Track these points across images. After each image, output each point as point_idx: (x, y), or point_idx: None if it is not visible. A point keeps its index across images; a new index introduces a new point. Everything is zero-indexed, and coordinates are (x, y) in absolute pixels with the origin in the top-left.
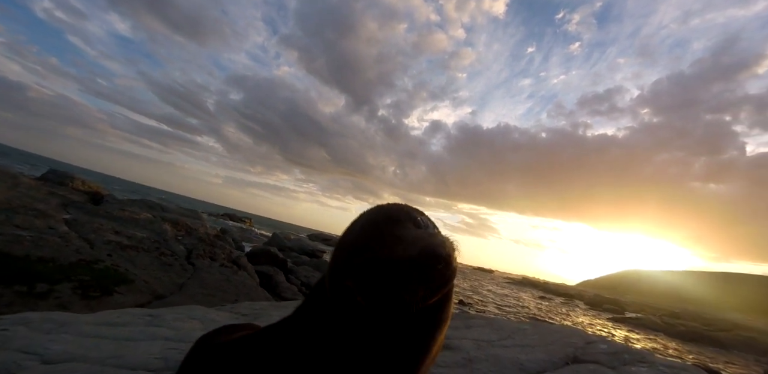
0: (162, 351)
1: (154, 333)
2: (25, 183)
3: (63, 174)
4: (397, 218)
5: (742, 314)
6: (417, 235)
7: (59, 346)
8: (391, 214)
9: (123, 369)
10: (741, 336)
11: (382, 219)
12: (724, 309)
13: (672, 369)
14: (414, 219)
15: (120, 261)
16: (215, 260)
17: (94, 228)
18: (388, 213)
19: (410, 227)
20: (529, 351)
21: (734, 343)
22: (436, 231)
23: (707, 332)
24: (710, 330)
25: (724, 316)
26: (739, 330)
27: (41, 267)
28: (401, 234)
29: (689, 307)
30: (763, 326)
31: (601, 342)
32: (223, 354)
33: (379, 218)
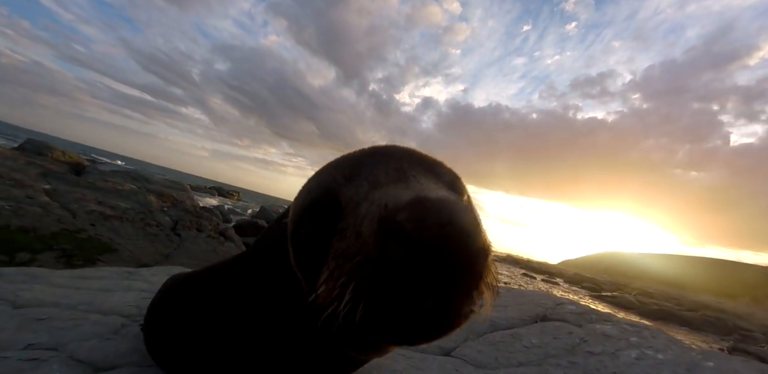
0: (137, 300)
1: (129, 285)
2: (1, 153)
3: (42, 144)
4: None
5: (714, 296)
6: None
7: (30, 294)
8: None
9: (95, 313)
10: (709, 316)
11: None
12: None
13: (635, 327)
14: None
15: (103, 231)
16: (202, 231)
17: (76, 199)
18: (395, 152)
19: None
20: (501, 310)
21: (701, 323)
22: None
23: (677, 311)
24: (681, 309)
25: (696, 298)
26: (708, 311)
27: (22, 236)
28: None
29: (664, 288)
30: (731, 308)
31: (569, 303)
32: (185, 282)
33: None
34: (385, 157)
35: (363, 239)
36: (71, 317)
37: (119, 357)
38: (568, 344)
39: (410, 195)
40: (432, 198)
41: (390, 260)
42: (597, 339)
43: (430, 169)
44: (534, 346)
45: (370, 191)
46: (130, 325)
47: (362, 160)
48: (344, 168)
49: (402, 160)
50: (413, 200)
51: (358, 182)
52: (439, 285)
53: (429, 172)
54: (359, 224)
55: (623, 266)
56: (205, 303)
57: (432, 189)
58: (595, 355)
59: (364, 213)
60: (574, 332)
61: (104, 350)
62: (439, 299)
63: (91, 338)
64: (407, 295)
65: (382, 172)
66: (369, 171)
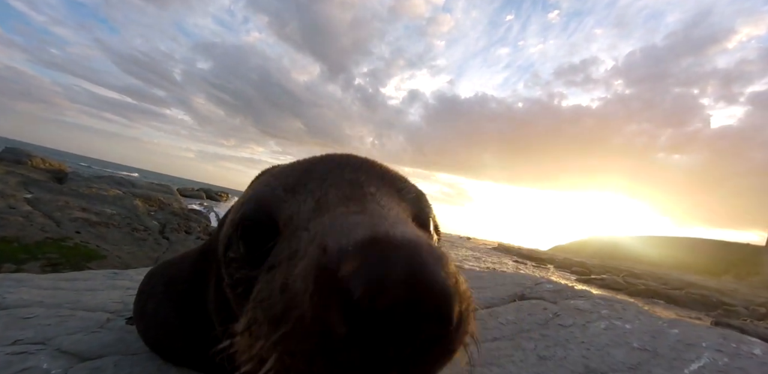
0: (121, 296)
1: (114, 284)
2: None
3: (20, 152)
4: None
5: (699, 275)
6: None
7: (16, 296)
8: (360, 165)
9: (80, 311)
10: (694, 293)
11: (337, 165)
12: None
13: (607, 301)
14: (396, 184)
15: (90, 237)
16: (191, 233)
17: (59, 206)
18: (352, 162)
19: (394, 199)
20: (481, 291)
21: (687, 300)
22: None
23: (664, 290)
24: (667, 288)
25: (681, 277)
26: (693, 289)
27: (5, 247)
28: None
29: (651, 269)
30: (715, 285)
31: (547, 282)
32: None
33: (333, 162)
34: (339, 166)
35: (291, 297)
36: (57, 314)
37: (104, 347)
38: (542, 319)
39: (362, 232)
40: (394, 239)
41: (329, 339)
42: (569, 313)
43: (392, 184)
44: (509, 322)
45: (314, 214)
46: (116, 320)
47: (311, 167)
48: (288, 176)
49: (359, 171)
50: (365, 242)
51: (302, 197)
52: (402, 363)
53: (390, 187)
54: (290, 268)
55: (611, 249)
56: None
57: (394, 221)
58: (566, 327)
59: (299, 250)
60: (548, 308)
61: (89, 342)
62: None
63: (76, 332)
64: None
65: (333, 185)
66: (317, 183)
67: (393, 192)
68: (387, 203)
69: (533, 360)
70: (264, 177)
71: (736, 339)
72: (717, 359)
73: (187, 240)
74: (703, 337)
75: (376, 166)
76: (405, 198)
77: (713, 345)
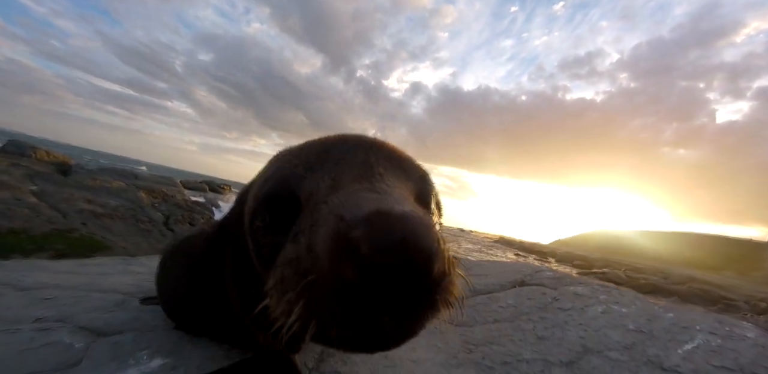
0: (135, 280)
1: (126, 269)
2: None
3: (24, 145)
4: (382, 160)
5: (701, 270)
6: (385, 192)
7: (32, 279)
8: (371, 147)
9: (95, 292)
10: (695, 288)
11: (350, 147)
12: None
13: (605, 287)
14: (405, 167)
15: (95, 229)
16: (194, 225)
17: (65, 198)
18: (364, 144)
19: (401, 180)
20: (482, 278)
21: (688, 294)
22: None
23: (665, 285)
24: (668, 283)
25: (683, 272)
26: (695, 284)
27: (12, 238)
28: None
29: (653, 264)
30: (716, 280)
31: (547, 270)
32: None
33: (347, 144)
34: (353, 148)
35: (315, 255)
36: (73, 296)
37: (122, 324)
38: (541, 303)
39: (370, 206)
40: (394, 213)
41: (344, 284)
42: (568, 297)
43: (399, 164)
44: (509, 306)
45: (331, 190)
46: (130, 301)
47: (328, 148)
48: (307, 156)
49: (370, 153)
50: (372, 214)
51: (320, 175)
52: (396, 307)
53: (397, 168)
54: (313, 234)
55: (614, 243)
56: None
57: (396, 199)
58: (564, 311)
59: (320, 219)
60: (547, 293)
61: (107, 320)
62: (394, 318)
63: (94, 311)
64: (362, 317)
65: (347, 165)
66: (333, 163)
67: (399, 172)
68: (393, 182)
69: (532, 340)
70: (285, 156)
71: (731, 323)
72: (710, 340)
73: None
74: (697, 321)
75: (386, 147)
76: (410, 178)
77: (707, 328)
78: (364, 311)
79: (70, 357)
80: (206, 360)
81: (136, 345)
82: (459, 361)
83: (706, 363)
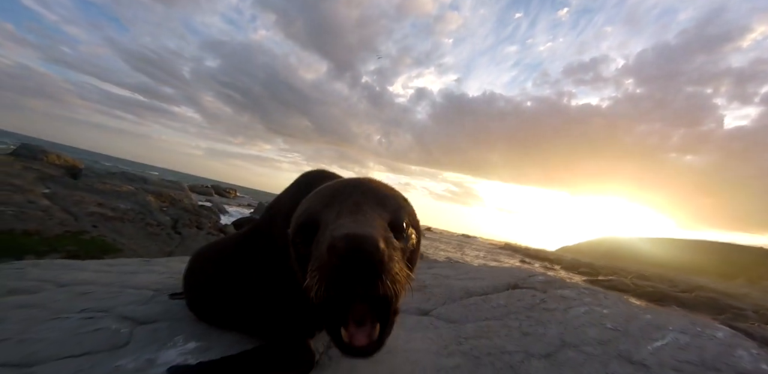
0: (160, 279)
1: (150, 269)
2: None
3: (36, 148)
4: (366, 198)
5: (709, 278)
6: (360, 221)
7: (69, 277)
8: (364, 190)
9: (129, 288)
10: (702, 296)
11: (350, 191)
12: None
13: (591, 291)
14: (383, 202)
15: (106, 231)
16: (201, 229)
17: (76, 201)
18: (358, 188)
19: (377, 211)
20: (478, 282)
21: (695, 303)
22: (406, 231)
23: (672, 293)
24: (675, 291)
25: (691, 280)
26: (702, 292)
27: (27, 240)
28: (357, 211)
29: (660, 271)
30: (725, 289)
31: (540, 275)
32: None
33: (348, 189)
34: (351, 192)
35: (322, 252)
36: (109, 291)
37: (156, 315)
38: (530, 304)
39: (347, 230)
40: (356, 233)
41: (331, 265)
42: (555, 299)
43: (380, 201)
44: (500, 306)
45: (335, 219)
46: (160, 296)
47: (335, 193)
48: (324, 198)
49: (361, 196)
50: (345, 234)
51: (330, 210)
52: (356, 278)
53: (377, 204)
54: (323, 242)
55: (620, 251)
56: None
57: (365, 225)
58: (549, 311)
59: (326, 236)
60: (536, 295)
61: (143, 311)
62: (360, 285)
63: (130, 304)
64: (340, 282)
65: (344, 204)
66: (338, 203)
67: (379, 207)
68: (371, 215)
69: (517, 335)
70: (313, 196)
71: (703, 324)
72: (679, 339)
73: (198, 235)
74: (672, 322)
75: (373, 190)
76: (387, 209)
77: (679, 328)
78: (342, 279)
79: (118, 340)
80: (233, 343)
81: (171, 331)
82: (449, 351)
83: (671, 358)
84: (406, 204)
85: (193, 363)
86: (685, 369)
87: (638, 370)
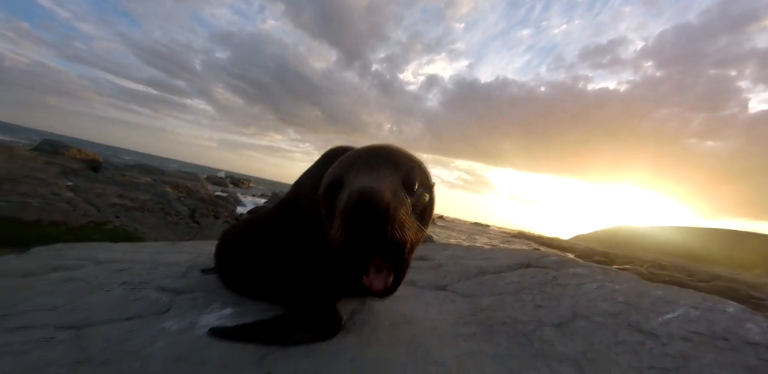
0: (188, 259)
1: (178, 250)
2: (21, 154)
3: (57, 143)
4: (382, 160)
5: (728, 268)
6: (374, 178)
7: (106, 255)
8: (381, 154)
9: (161, 265)
10: (720, 286)
11: (369, 156)
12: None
13: (604, 269)
14: (397, 164)
15: (127, 221)
16: (218, 218)
17: (98, 193)
18: (376, 153)
19: (390, 171)
20: (491, 261)
21: (713, 292)
22: (416, 189)
23: (690, 282)
24: (693, 280)
25: (709, 269)
26: (721, 282)
27: (53, 230)
28: (373, 171)
29: (677, 260)
30: (745, 278)
31: (553, 255)
32: (238, 222)
33: (368, 153)
34: (370, 157)
35: (343, 203)
36: (144, 268)
37: (191, 287)
38: (543, 280)
39: (361, 184)
40: (367, 186)
41: (348, 212)
42: (568, 276)
43: (392, 163)
44: (514, 282)
45: (354, 178)
46: (192, 272)
47: (357, 158)
48: (348, 162)
49: (377, 158)
50: (359, 187)
51: (352, 171)
52: (368, 224)
53: (390, 166)
54: (345, 195)
55: (636, 239)
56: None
57: (377, 181)
58: (562, 286)
59: (347, 189)
60: (549, 273)
61: (179, 284)
62: (371, 229)
63: (166, 278)
64: (356, 225)
65: (363, 166)
66: (358, 167)
67: (391, 168)
68: (383, 174)
69: (530, 308)
70: (339, 162)
71: (714, 300)
72: (690, 312)
73: (216, 224)
74: (683, 298)
75: (391, 155)
76: (399, 170)
77: (690, 303)
78: (356, 222)
79: (161, 306)
80: (265, 310)
81: (208, 299)
82: (466, 321)
83: (680, 329)
84: (418, 167)
85: (231, 326)
86: (694, 339)
87: (647, 338)
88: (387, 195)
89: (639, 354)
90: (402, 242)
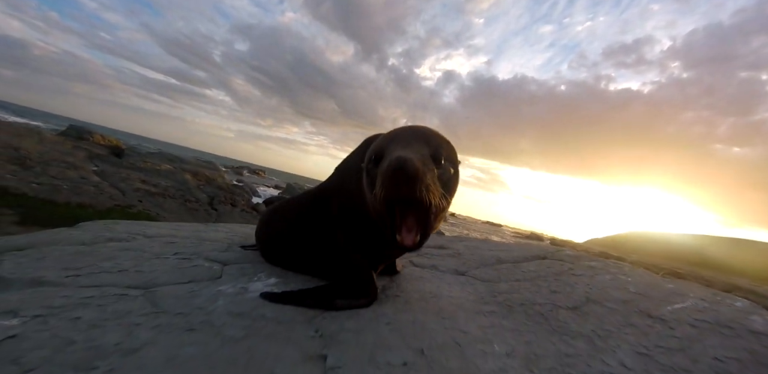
0: (227, 236)
1: (215, 229)
2: (49, 138)
3: (82, 129)
4: (416, 137)
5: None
6: (408, 150)
7: (153, 231)
8: (415, 132)
9: (205, 241)
10: (738, 297)
11: (405, 133)
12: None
13: (617, 263)
14: (428, 141)
15: (150, 206)
16: (236, 206)
17: (122, 178)
18: (411, 131)
19: (422, 146)
20: (508, 252)
21: None
22: (443, 162)
23: None
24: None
25: (729, 280)
26: (739, 293)
27: (82, 211)
28: (407, 145)
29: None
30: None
31: (568, 250)
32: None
33: (404, 131)
34: (405, 135)
35: (383, 168)
36: (191, 242)
37: (237, 259)
38: (558, 270)
39: (398, 154)
40: (401, 156)
41: (388, 174)
42: (582, 268)
43: (424, 139)
44: (530, 271)
45: (392, 150)
46: (234, 247)
47: (395, 136)
48: (388, 138)
49: (412, 135)
50: (396, 156)
51: (391, 145)
52: (402, 183)
53: (422, 141)
54: (384, 163)
55: (653, 246)
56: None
57: (409, 152)
58: (577, 276)
59: (386, 159)
60: (564, 265)
61: (225, 256)
62: (403, 188)
63: (212, 251)
64: (393, 185)
65: (400, 141)
66: (396, 141)
67: (422, 143)
68: (416, 147)
69: (546, 293)
70: (381, 138)
71: (724, 295)
72: (698, 304)
73: (233, 212)
74: (693, 291)
75: (423, 133)
76: (429, 145)
77: (700, 296)
78: (392, 182)
79: (213, 273)
80: (307, 281)
81: (254, 269)
82: (486, 301)
83: (688, 316)
84: (446, 144)
85: (279, 291)
86: (700, 326)
87: (656, 323)
88: (417, 163)
89: (647, 335)
90: (428, 202)
